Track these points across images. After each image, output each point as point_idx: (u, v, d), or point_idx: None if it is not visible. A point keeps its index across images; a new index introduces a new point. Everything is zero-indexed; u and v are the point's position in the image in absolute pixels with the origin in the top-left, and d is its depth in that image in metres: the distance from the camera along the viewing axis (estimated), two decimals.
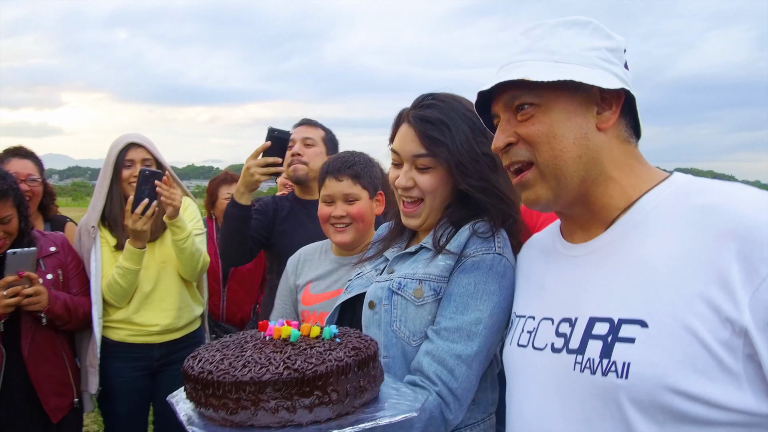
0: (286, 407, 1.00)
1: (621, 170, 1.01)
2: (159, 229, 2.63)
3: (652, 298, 0.87)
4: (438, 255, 1.40)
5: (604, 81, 0.98)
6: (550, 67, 0.99)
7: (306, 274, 2.10)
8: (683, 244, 0.87)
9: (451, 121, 1.41)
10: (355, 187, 1.98)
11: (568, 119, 0.99)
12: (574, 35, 1.03)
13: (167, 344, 2.69)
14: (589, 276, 1.01)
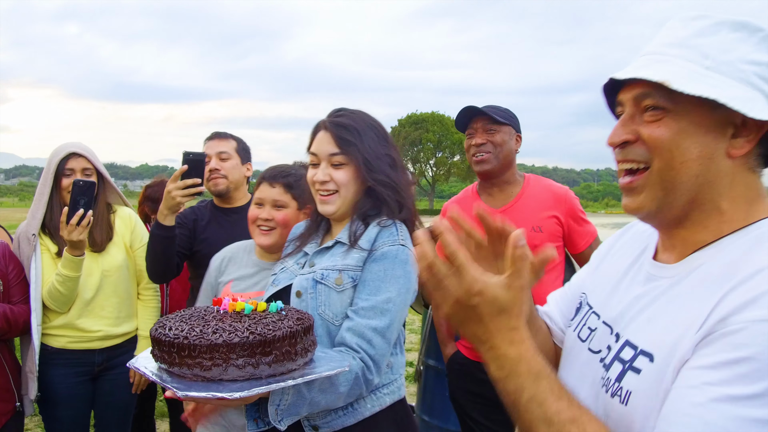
0: (251, 363, 1.25)
1: (733, 202, 0.90)
2: (104, 241, 2.68)
3: (669, 334, 0.84)
4: (352, 248, 1.64)
5: (753, 108, 0.84)
6: (697, 75, 0.87)
7: (229, 272, 2.19)
8: (710, 290, 0.83)
9: (360, 128, 1.69)
10: (285, 195, 2.09)
11: (698, 133, 0.88)
12: (738, 41, 0.89)
13: (108, 349, 2.70)
14: (647, 299, 0.95)
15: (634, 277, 1.05)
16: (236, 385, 1.24)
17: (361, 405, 1.62)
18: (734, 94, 0.86)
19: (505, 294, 0.81)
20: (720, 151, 0.89)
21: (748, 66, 0.89)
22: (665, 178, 0.91)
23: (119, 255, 2.76)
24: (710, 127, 0.89)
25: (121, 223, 2.82)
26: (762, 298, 0.77)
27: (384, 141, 1.75)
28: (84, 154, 2.65)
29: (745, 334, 0.75)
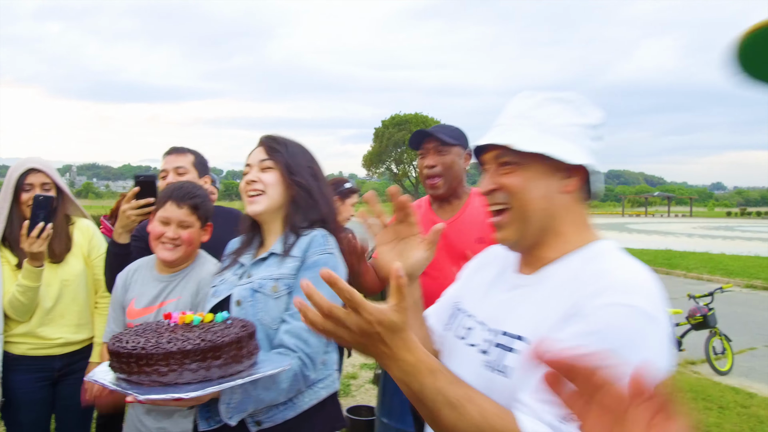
0: (203, 367, 1.41)
1: (570, 226, 1.22)
2: (63, 252, 2.79)
3: (534, 321, 1.12)
4: (286, 258, 1.81)
5: (571, 156, 1.17)
6: (533, 137, 1.19)
7: (132, 289, 2.30)
8: (564, 290, 1.11)
9: (288, 143, 1.95)
10: (191, 216, 2.21)
11: (540, 179, 1.20)
12: (561, 110, 1.23)
13: (67, 355, 2.80)
14: (514, 302, 1.23)
15: (500, 286, 1.33)
16: (191, 387, 1.40)
17: (300, 399, 1.78)
18: (559, 148, 1.19)
19: (397, 317, 1.00)
20: (557, 190, 1.22)
21: (569, 127, 1.23)
22: (522, 214, 1.23)
23: (78, 265, 2.87)
24: (547, 173, 1.22)
25: (80, 234, 2.92)
26: (598, 285, 1.07)
27: (309, 155, 1.99)
28: (43, 169, 2.76)
29: (592, 316, 1.04)
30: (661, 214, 71.57)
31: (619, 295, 1.05)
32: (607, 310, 1.03)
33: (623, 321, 1.02)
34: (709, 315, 6.92)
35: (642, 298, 1.05)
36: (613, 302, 1.04)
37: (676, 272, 15.62)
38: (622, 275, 1.10)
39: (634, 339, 1.01)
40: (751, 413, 5.31)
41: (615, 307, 1.03)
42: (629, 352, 0.99)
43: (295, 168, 1.91)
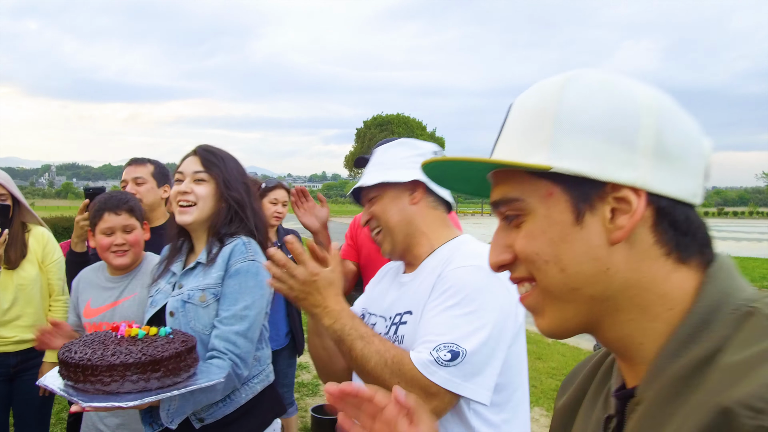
0: (144, 379, 1.55)
1: (428, 228, 1.61)
2: (18, 258, 2.98)
3: (416, 299, 1.51)
4: (211, 267, 1.93)
5: (403, 177, 1.58)
6: (379, 174, 1.61)
7: (84, 291, 2.48)
8: (432, 275, 1.50)
9: (225, 156, 2.05)
10: (131, 219, 2.38)
11: (393, 201, 1.61)
12: (397, 151, 1.66)
13: (22, 352, 3.01)
14: (401, 293, 1.61)
15: (392, 287, 1.71)
16: (130, 396, 1.55)
17: (237, 395, 1.93)
18: (393, 175, 1.60)
19: (331, 274, 1.40)
20: (406, 204, 1.62)
21: (403, 159, 1.63)
22: (388, 230, 1.62)
23: (32, 270, 3.06)
24: (397, 195, 1.62)
25: (35, 241, 3.11)
26: (452, 261, 1.48)
27: (242, 171, 2.12)
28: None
29: (447, 277, 1.44)
30: None
31: (465, 260, 1.47)
32: (456, 271, 1.44)
33: (468, 276, 1.42)
34: None
35: (482, 260, 1.38)
36: (460, 265, 1.45)
37: None
38: (469, 249, 1.53)
39: (479, 288, 1.40)
40: None
41: (462, 268, 1.44)
42: (476, 297, 1.38)
43: (231, 183, 2.01)
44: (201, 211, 1.98)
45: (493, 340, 1.36)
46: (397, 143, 1.70)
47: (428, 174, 0.82)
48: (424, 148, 1.66)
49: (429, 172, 0.82)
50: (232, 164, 2.06)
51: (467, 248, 1.54)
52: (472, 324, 1.36)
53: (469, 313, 1.37)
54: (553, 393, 5.86)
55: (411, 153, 1.64)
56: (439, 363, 1.32)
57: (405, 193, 1.62)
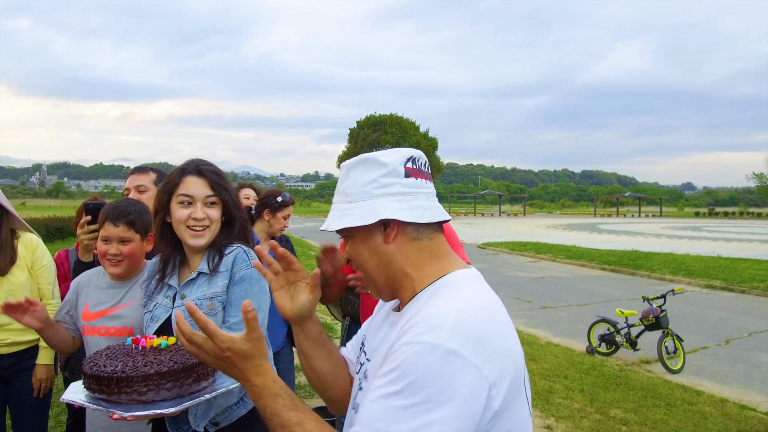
0: (177, 386, 1.60)
1: (412, 266, 1.31)
2: (8, 265, 3.05)
3: (374, 364, 1.28)
4: (215, 276, 1.99)
5: (365, 218, 1.28)
6: (341, 212, 1.33)
7: (85, 294, 2.51)
8: (400, 331, 1.20)
9: (223, 176, 2.14)
10: (129, 231, 2.40)
11: (364, 242, 1.33)
12: (358, 174, 1.33)
13: (14, 354, 3.10)
14: (380, 340, 1.35)
15: (385, 324, 1.43)
16: (168, 403, 1.62)
17: (248, 397, 1.91)
18: (358, 213, 1.30)
19: (246, 345, 1.21)
20: (380, 244, 1.32)
21: (367, 186, 1.32)
22: (367, 274, 1.38)
23: (22, 276, 3.13)
24: (367, 235, 1.33)
25: (24, 248, 3.18)
26: (408, 330, 1.16)
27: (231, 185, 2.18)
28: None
29: (397, 353, 1.13)
30: (632, 214, 72.63)
31: (418, 333, 1.13)
32: (405, 348, 1.12)
33: (417, 357, 1.09)
34: (661, 316, 7.21)
35: (442, 334, 1.10)
36: (411, 341, 1.12)
37: (640, 273, 16.03)
38: (432, 312, 1.18)
39: (427, 372, 1.07)
40: (696, 410, 5.58)
41: (411, 345, 1.11)
42: (425, 386, 1.06)
43: (236, 203, 2.11)
44: (212, 233, 2.08)
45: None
46: (359, 162, 1.36)
47: None
48: (390, 159, 1.33)
49: None
50: (228, 183, 2.14)
51: (432, 309, 1.19)
52: (416, 420, 1.05)
53: (413, 405, 1.06)
54: (547, 394, 5.90)
55: (375, 174, 1.32)
56: None
57: (376, 231, 1.32)
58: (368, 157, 1.35)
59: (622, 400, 5.80)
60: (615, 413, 5.46)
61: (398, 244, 1.32)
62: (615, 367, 7.05)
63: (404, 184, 1.32)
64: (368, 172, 1.32)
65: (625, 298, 11.88)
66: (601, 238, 30.26)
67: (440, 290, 1.27)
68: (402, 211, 1.30)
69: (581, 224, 46.85)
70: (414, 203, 1.31)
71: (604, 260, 18.08)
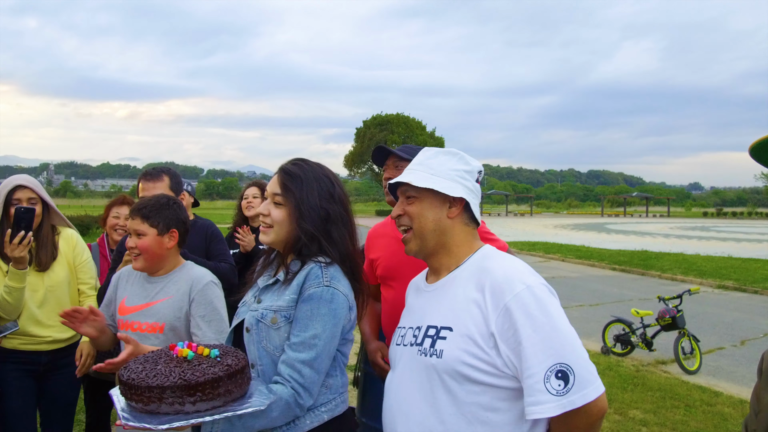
0: (179, 402, 1.56)
1: (460, 241, 1.74)
2: (49, 261, 3.10)
3: (456, 315, 1.61)
4: (286, 288, 1.91)
5: (451, 191, 1.68)
6: (426, 178, 1.70)
7: (123, 288, 2.58)
8: (471, 288, 1.62)
9: (305, 179, 1.95)
10: (142, 225, 2.43)
11: (431, 208, 1.72)
12: (448, 160, 1.75)
13: (53, 352, 3.14)
14: (430, 303, 1.73)
15: (417, 297, 1.86)
16: (166, 418, 1.57)
17: (301, 421, 1.85)
18: (442, 185, 1.70)
19: None
20: (444, 215, 1.74)
21: (453, 171, 1.74)
22: (419, 232, 1.75)
23: (62, 272, 3.18)
24: (436, 204, 1.73)
25: (64, 243, 3.23)
26: (500, 287, 1.56)
27: (326, 195, 1.95)
28: (29, 185, 3.07)
29: (511, 308, 1.51)
30: (639, 214, 72.37)
31: (514, 280, 1.55)
32: (517, 299, 1.51)
33: (529, 298, 1.51)
34: (677, 316, 7.15)
35: (527, 276, 1.58)
36: (515, 291, 1.53)
37: (651, 273, 15.95)
38: (504, 266, 1.63)
39: (544, 302, 1.52)
40: (716, 411, 5.54)
41: (519, 295, 1.52)
42: (547, 311, 1.50)
43: (305, 212, 1.91)
44: (277, 235, 1.96)
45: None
46: (449, 152, 1.79)
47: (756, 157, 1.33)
48: (473, 164, 1.78)
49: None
50: (311, 188, 1.95)
51: (501, 265, 1.64)
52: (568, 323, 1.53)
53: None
54: None
55: (461, 167, 1.75)
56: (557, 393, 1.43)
57: (445, 205, 1.73)
58: (459, 152, 1.79)
59: (640, 401, 5.76)
60: (634, 414, 5.42)
61: (455, 222, 1.75)
62: (631, 368, 7.01)
63: (474, 186, 1.78)
64: (456, 163, 1.76)
65: (637, 298, 11.83)
66: (609, 237, 30.16)
67: (488, 258, 1.70)
68: (470, 200, 1.74)
69: (589, 224, 46.76)
70: (475, 201, 1.77)
71: (614, 260, 18.01)
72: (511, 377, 1.52)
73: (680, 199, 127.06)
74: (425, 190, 1.72)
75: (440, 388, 1.59)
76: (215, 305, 2.48)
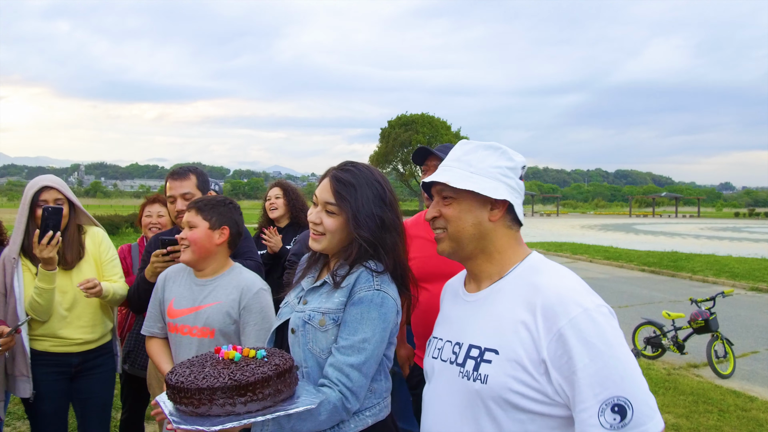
0: (230, 403, 1.56)
1: (503, 247, 1.57)
2: (75, 259, 3.09)
3: (502, 337, 1.44)
4: (336, 291, 1.88)
5: (494, 193, 1.50)
6: (465, 177, 1.52)
7: (170, 290, 2.55)
8: (519, 307, 1.44)
9: (358, 185, 1.89)
10: (196, 217, 2.47)
11: (470, 210, 1.54)
12: (489, 156, 1.56)
13: (84, 353, 3.12)
14: (471, 316, 1.57)
15: (455, 306, 1.68)
16: (218, 420, 1.57)
17: (346, 425, 1.84)
18: (484, 185, 1.51)
19: None
20: (485, 218, 1.56)
21: (494, 169, 1.55)
22: (455, 236, 1.58)
23: (90, 271, 3.15)
24: (476, 206, 1.55)
25: (90, 241, 3.21)
26: (553, 308, 1.39)
27: (379, 201, 1.91)
28: (55, 186, 3.06)
29: (567, 336, 1.34)
30: (668, 214, 71.17)
31: (570, 303, 1.38)
32: (573, 326, 1.35)
33: (589, 325, 1.35)
34: (710, 319, 7.00)
35: (586, 296, 1.41)
36: (573, 315, 1.36)
37: (681, 274, 15.65)
38: (559, 288, 1.43)
39: (604, 329, 1.35)
40: (750, 416, 5.41)
41: (576, 319, 1.35)
42: (607, 340, 1.33)
43: (360, 220, 1.87)
44: (329, 242, 1.93)
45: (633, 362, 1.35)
46: (490, 146, 1.59)
47: None
48: (517, 159, 1.58)
49: None
50: (366, 195, 1.90)
51: (554, 282, 1.46)
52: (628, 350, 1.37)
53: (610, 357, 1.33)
54: None
55: (503, 163, 1.56)
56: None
57: (486, 207, 1.55)
58: (501, 147, 1.58)
59: (672, 405, 5.65)
60: (666, 418, 5.30)
61: (498, 225, 1.56)
62: (662, 371, 6.89)
63: (518, 184, 1.58)
64: (498, 158, 1.56)
65: (667, 300, 11.63)
66: (638, 238, 29.68)
67: (538, 271, 1.52)
68: (514, 201, 1.55)
69: (617, 224, 46.12)
70: (518, 201, 1.58)
71: (644, 261, 17.71)
72: (562, 405, 1.39)
73: (711, 200, 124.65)
74: (464, 191, 1.53)
75: (484, 416, 1.46)
76: (266, 314, 2.47)
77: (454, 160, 1.59)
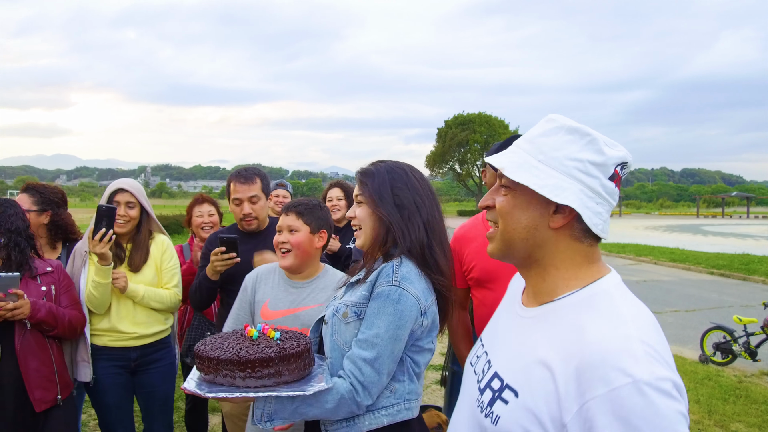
0: (230, 376, 1.68)
1: (562, 263, 1.21)
2: (141, 263, 3.26)
3: (527, 378, 1.13)
4: (362, 285, 1.93)
5: (554, 193, 1.14)
6: (527, 165, 1.19)
7: (263, 291, 2.58)
8: (554, 350, 1.10)
9: (376, 172, 1.98)
10: (297, 221, 2.49)
11: (528, 208, 1.20)
12: (567, 142, 1.17)
13: (141, 347, 3.27)
14: (511, 338, 1.28)
15: (506, 316, 1.40)
16: (217, 388, 1.70)
17: (359, 420, 1.88)
18: (548, 182, 1.16)
19: None
20: (543, 223, 1.21)
21: (571, 162, 1.18)
22: (504, 235, 1.26)
23: (150, 274, 3.33)
24: (536, 204, 1.20)
25: (155, 248, 3.39)
26: (594, 370, 1.03)
27: (399, 183, 1.97)
28: (129, 189, 3.24)
29: (596, 410, 1.00)
30: (739, 215, 68.02)
31: (615, 377, 1.00)
32: (607, 399, 0.99)
33: (630, 402, 0.97)
34: None
35: (639, 363, 1.00)
36: (612, 388, 0.99)
37: (754, 278, 14.94)
38: (610, 341, 1.05)
39: (655, 413, 0.96)
40: None
41: (616, 401, 0.98)
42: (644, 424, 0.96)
43: (380, 198, 1.95)
44: (365, 234, 1.99)
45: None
46: (576, 130, 1.20)
47: None
48: (609, 153, 1.19)
49: None
50: (382, 177, 1.98)
51: (604, 330, 1.08)
52: None
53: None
54: None
55: (586, 156, 1.18)
56: None
57: (548, 208, 1.19)
58: (591, 133, 1.19)
59: (743, 414, 5.43)
60: (737, 427, 5.11)
61: (560, 234, 1.21)
62: (733, 378, 6.61)
63: (603, 185, 1.19)
64: (581, 148, 1.18)
65: (738, 305, 11.12)
66: (706, 240, 28.47)
67: (590, 307, 1.15)
68: (587, 209, 1.17)
69: (683, 225, 44.29)
70: (599, 209, 1.19)
71: (712, 264, 16.99)
72: None
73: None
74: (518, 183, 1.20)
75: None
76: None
77: (527, 141, 1.25)
